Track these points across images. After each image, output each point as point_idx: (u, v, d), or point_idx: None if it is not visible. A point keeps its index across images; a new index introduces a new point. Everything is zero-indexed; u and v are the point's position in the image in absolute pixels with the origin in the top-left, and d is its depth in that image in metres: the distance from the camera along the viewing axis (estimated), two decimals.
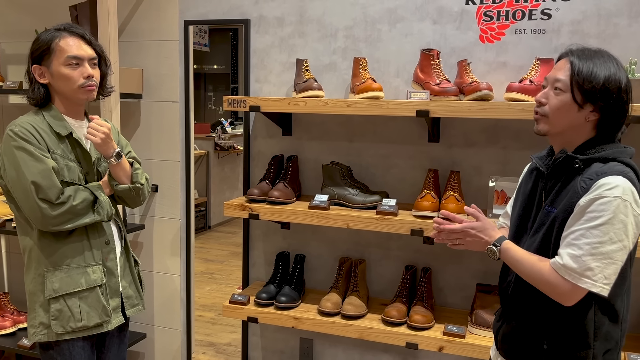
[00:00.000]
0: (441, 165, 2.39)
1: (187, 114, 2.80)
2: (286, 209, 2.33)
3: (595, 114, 1.40)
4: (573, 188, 1.39)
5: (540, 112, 1.46)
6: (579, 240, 1.34)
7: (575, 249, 1.34)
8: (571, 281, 1.34)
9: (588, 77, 1.37)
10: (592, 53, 1.42)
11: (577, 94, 1.39)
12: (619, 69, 1.40)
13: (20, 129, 1.71)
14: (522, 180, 1.64)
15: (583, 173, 1.39)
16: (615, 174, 1.34)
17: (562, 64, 1.44)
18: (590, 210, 1.33)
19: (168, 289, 2.97)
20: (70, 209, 1.73)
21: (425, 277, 2.36)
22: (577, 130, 1.43)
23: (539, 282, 1.40)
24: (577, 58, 1.41)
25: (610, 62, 1.40)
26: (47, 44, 1.75)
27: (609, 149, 1.41)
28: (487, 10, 2.27)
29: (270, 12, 2.58)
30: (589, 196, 1.34)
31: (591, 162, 1.40)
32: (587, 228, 1.33)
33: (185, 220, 2.89)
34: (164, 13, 2.77)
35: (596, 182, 1.34)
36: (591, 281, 1.33)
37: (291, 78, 2.57)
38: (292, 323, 2.36)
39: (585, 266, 1.32)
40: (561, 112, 1.41)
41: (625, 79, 1.39)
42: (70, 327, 1.77)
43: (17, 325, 2.94)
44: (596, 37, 2.16)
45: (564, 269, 1.35)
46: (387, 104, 2.15)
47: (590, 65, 1.38)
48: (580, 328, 1.42)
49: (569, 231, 1.37)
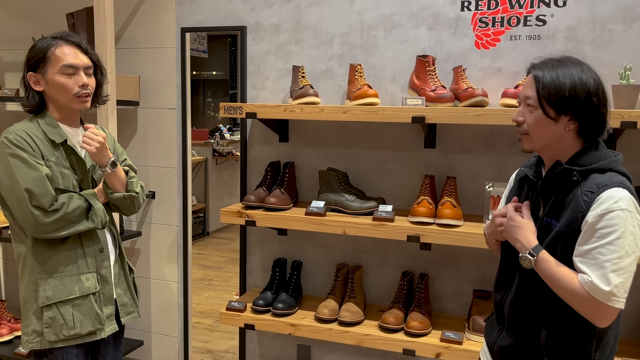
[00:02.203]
0: (437, 171, 2.39)
1: (184, 121, 2.80)
2: (283, 216, 2.33)
3: (573, 122, 1.38)
4: (574, 201, 1.37)
5: (521, 131, 1.45)
6: (598, 258, 1.31)
7: (597, 269, 1.31)
8: (602, 301, 1.31)
9: (553, 89, 1.36)
10: (555, 63, 1.40)
11: (547, 108, 1.37)
12: (584, 72, 1.37)
13: (14, 136, 1.71)
14: (511, 188, 1.62)
15: (582, 185, 1.37)
16: (616, 186, 1.33)
17: (529, 80, 1.42)
18: (602, 227, 1.31)
19: (165, 295, 2.96)
20: (64, 216, 1.72)
21: (422, 283, 2.36)
22: (560, 141, 1.41)
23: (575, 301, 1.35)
24: (540, 71, 1.39)
25: (575, 68, 1.37)
26: (43, 52, 1.75)
27: (603, 158, 1.39)
28: (483, 17, 2.28)
29: (266, 19, 2.59)
30: (595, 211, 1.32)
31: (588, 174, 1.38)
32: (602, 245, 1.31)
33: (182, 226, 2.88)
34: (161, 20, 2.78)
35: (599, 195, 1.33)
36: (618, 298, 1.31)
37: (288, 85, 2.57)
38: (289, 330, 2.35)
39: (612, 284, 1.30)
40: (540, 128, 1.40)
41: (593, 81, 1.36)
42: (63, 335, 1.76)
43: (14, 333, 2.94)
44: (591, 43, 2.17)
45: (594, 288, 1.31)
46: (383, 110, 2.15)
47: (554, 76, 1.36)
48: (586, 340, 1.40)
49: (581, 250, 1.34)
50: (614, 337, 1.45)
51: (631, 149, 2.16)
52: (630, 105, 2.00)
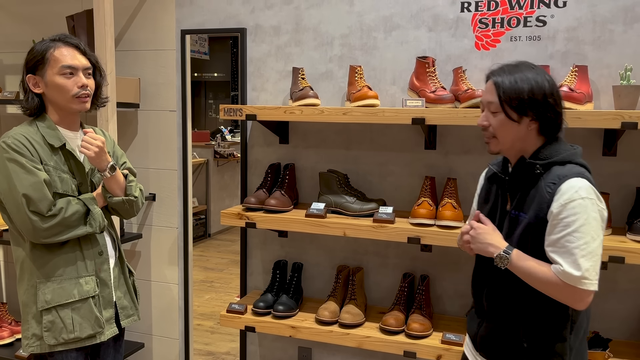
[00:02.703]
0: (438, 172, 2.39)
1: (184, 123, 2.80)
2: (283, 217, 2.33)
3: (534, 122, 1.49)
4: (539, 193, 1.47)
5: (487, 134, 1.55)
6: (567, 246, 1.41)
7: (568, 256, 1.41)
8: (576, 286, 1.40)
9: (514, 94, 1.46)
10: (512, 69, 1.50)
11: (509, 111, 1.48)
12: (539, 75, 1.48)
13: (13, 140, 1.71)
14: (482, 187, 1.72)
15: (545, 177, 1.48)
16: (575, 176, 1.44)
17: (489, 86, 1.52)
18: (566, 216, 1.41)
19: (166, 298, 2.96)
20: (62, 221, 1.72)
21: (423, 285, 2.35)
22: (524, 139, 1.51)
23: (552, 291, 1.45)
24: (499, 77, 1.49)
25: (530, 72, 1.48)
26: (42, 54, 1.75)
27: (562, 151, 1.50)
28: (483, 18, 2.28)
29: (266, 21, 2.59)
30: (559, 202, 1.42)
31: (550, 166, 1.49)
32: (569, 233, 1.41)
33: (182, 228, 2.88)
34: (161, 22, 2.78)
35: (560, 185, 1.44)
36: (590, 280, 1.40)
37: (288, 86, 2.57)
38: (290, 332, 2.35)
39: (583, 268, 1.39)
40: (504, 130, 1.51)
41: (548, 83, 1.47)
42: (62, 338, 1.76)
43: (14, 336, 2.94)
44: (591, 43, 2.16)
45: (567, 275, 1.40)
46: (383, 111, 2.15)
47: (512, 81, 1.47)
48: (560, 324, 1.50)
49: (551, 240, 1.44)
50: (587, 319, 1.57)
51: (632, 150, 2.16)
52: (631, 106, 1.99)
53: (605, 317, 2.23)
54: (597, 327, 2.22)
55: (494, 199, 1.64)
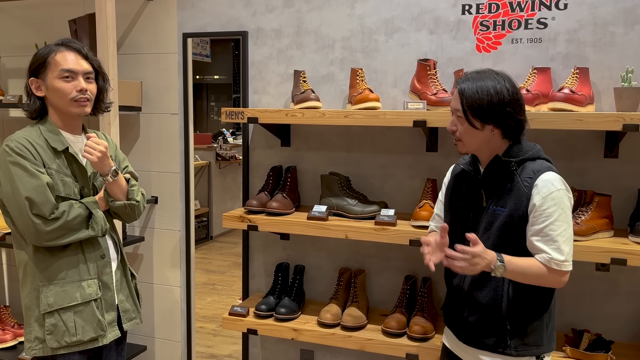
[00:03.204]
0: (439, 174, 2.38)
1: (186, 126, 2.81)
2: (285, 220, 2.33)
3: (496, 128, 1.59)
4: (516, 187, 1.59)
5: (455, 138, 1.66)
6: (550, 234, 1.55)
7: (552, 243, 1.56)
8: (558, 269, 1.56)
9: (474, 104, 1.56)
10: (476, 76, 1.59)
11: (472, 120, 1.58)
12: (499, 82, 1.56)
13: (16, 144, 1.72)
14: (449, 185, 1.80)
15: (519, 173, 1.60)
16: (547, 170, 1.59)
17: (456, 93, 1.62)
18: (547, 207, 1.55)
19: (168, 300, 2.96)
20: (65, 224, 1.73)
21: (425, 287, 2.35)
22: (490, 143, 1.62)
23: (542, 281, 1.58)
24: (463, 85, 1.59)
25: (492, 80, 1.56)
26: (44, 58, 1.77)
27: (530, 149, 1.63)
28: (484, 20, 2.28)
29: (267, 24, 2.60)
30: (540, 194, 1.56)
31: (523, 162, 1.61)
32: (551, 222, 1.55)
33: (184, 231, 2.89)
34: (163, 26, 2.79)
35: (536, 179, 1.57)
36: (569, 262, 1.58)
37: (289, 89, 2.57)
38: (292, 335, 2.35)
39: (565, 253, 1.56)
40: (469, 135, 1.61)
41: (507, 91, 1.55)
42: (65, 341, 1.77)
43: (17, 339, 2.94)
44: (592, 45, 2.16)
45: (554, 261, 1.55)
46: (385, 114, 2.15)
47: (473, 90, 1.56)
48: (539, 304, 1.64)
49: (536, 229, 1.57)
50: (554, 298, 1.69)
51: (633, 151, 2.15)
52: (632, 108, 1.99)
53: (607, 319, 2.23)
54: (600, 330, 2.21)
55: (465, 197, 1.72)
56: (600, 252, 1.92)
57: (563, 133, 2.20)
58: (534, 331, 1.64)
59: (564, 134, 2.20)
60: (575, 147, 2.20)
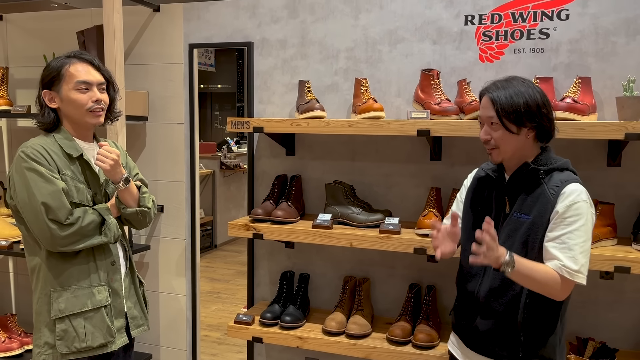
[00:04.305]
0: (443, 183, 2.41)
1: (192, 135, 2.83)
2: (290, 229, 2.35)
3: (531, 130, 1.61)
4: (542, 195, 1.60)
5: (490, 146, 1.66)
6: (567, 242, 1.54)
7: (567, 251, 1.54)
8: (571, 279, 1.53)
9: (510, 108, 1.57)
10: (504, 84, 1.61)
11: (508, 125, 1.59)
12: (530, 87, 1.60)
13: (31, 150, 1.75)
14: (471, 188, 1.80)
15: (547, 182, 1.61)
16: (574, 182, 1.60)
17: (486, 102, 1.63)
18: (569, 215, 1.55)
19: (174, 309, 2.98)
20: (79, 230, 1.76)
21: (429, 295, 2.36)
22: (523, 148, 1.64)
23: (547, 288, 1.55)
24: (494, 93, 1.60)
25: (522, 85, 1.60)
26: (58, 70, 1.80)
27: (558, 160, 1.65)
28: (486, 31, 2.31)
29: (272, 34, 2.63)
30: (564, 203, 1.56)
31: (551, 172, 1.62)
32: (571, 231, 1.54)
33: (190, 240, 2.91)
34: (169, 37, 2.83)
35: (563, 188, 1.57)
36: (583, 275, 1.55)
37: (294, 99, 2.60)
38: (297, 343, 2.36)
39: (580, 264, 1.54)
40: (505, 141, 1.62)
41: (538, 94, 1.60)
42: (74, 347, 1.79)
43: (24, 347, 2.96)
44: (594, 55, 2.18)
45: (565, 269, 1.53)
46: (388, 123, 2.17)
47: (507, 96, 1.58)
48: (553, 317, 1.63)
49: (554, 235, 1.56)
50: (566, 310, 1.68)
51: (636, 160, 2.17)
52: (634, 117, 2.01)
53: (611, 327, 2.23)
54: (604, 338, 2.22)
55: (487, 202, 1.73)
56: (604, 260, 1.93)
57: (566, 142, 2.22)
58: (548, 345, 1.63)
59: (566, 142, 2.22)
60: (578, 156, 2.22)
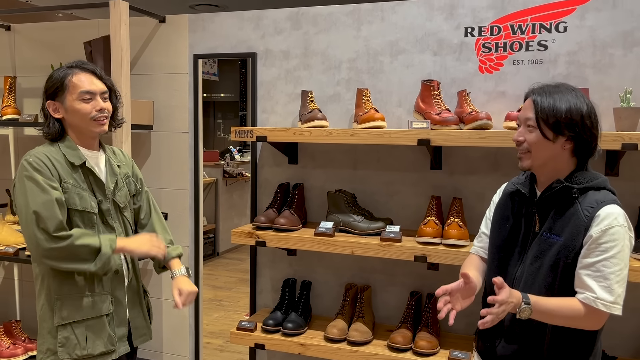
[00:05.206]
0: (444, 192, 2.44)
1: (196, 144, 2.87)
2: (292, 236, 2.38)
3: (569, 142, 1.50)
4: (575, 216, 1.48)
5: (522, 149, 1.56)
6: (603, 270, 1.44)
7: (602, 281, 1.44)
8: (605, 311, 1.44)
9: (551, 113, 1.48)
10: (552, 89, 1.52)
11: (545, 130, 1.49)
12: (578, 98, 1.50)
13: (34, 159, 1.78)
14: (500, 204, 1.70)
15: (581, 201, 1.49)
16: (611, 203, 1.47)
17: (528, 103, 1.54)
18: (605, 241, 1.44)
19: (176, 316, 3.00)
20: (69, 247, 1.74)
21: (430, 303, 2.38)
22: (557, 159, 1.53)
23: (575, 321, 1.47)
24: (538, 96, 1.51)
25: (569, 94, 1.50)
26: (61, 81, 1.83)
27: (596, 177, 1.53)
28: (486, 42, 2.35)
29: (276, 45, 2.68)
30: (599, 227, 1.44)
31: (586, 191, 1.50)
32: (606, 258, 1.44)
33: (193, 247, 2.94)
34: (174, 47, 2.88)
35: (599, 210, 1.46)
36: (619, 306, 1.45)
37: (297, 109, 2.64)
38: (299, 349, 2.38)
39: (616, 294, 1.44)
40: (539, 146, 1.52)
41: (586, 106, 1.49)
42: (76, 354, 1.81)
43: (28, 353, 2.98)
44: (592, 67, 2.22)
45: (599, 301, 1.44)
46: (390, 133, 2.21)
47: (551, 101, 1.49)
48: (586, 347, 1.52)
49: (587, 262, 1.46)
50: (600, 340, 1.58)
51: (632, 170, 2.20)
52: (632, 128, 2.04)
53: (610, 334, 2.25)
54: (603, 345, 2.22)
55: (516, 219, 1.62)
56: None
57: None
58: None
59: None
60: None
